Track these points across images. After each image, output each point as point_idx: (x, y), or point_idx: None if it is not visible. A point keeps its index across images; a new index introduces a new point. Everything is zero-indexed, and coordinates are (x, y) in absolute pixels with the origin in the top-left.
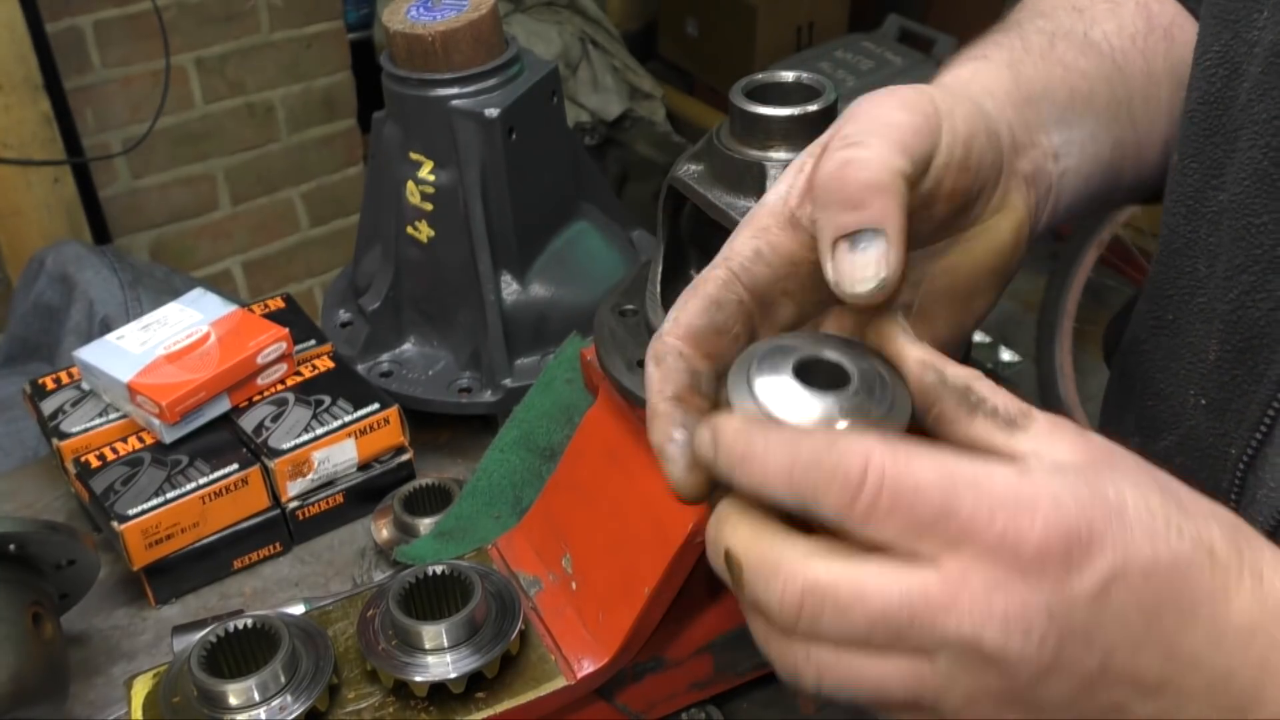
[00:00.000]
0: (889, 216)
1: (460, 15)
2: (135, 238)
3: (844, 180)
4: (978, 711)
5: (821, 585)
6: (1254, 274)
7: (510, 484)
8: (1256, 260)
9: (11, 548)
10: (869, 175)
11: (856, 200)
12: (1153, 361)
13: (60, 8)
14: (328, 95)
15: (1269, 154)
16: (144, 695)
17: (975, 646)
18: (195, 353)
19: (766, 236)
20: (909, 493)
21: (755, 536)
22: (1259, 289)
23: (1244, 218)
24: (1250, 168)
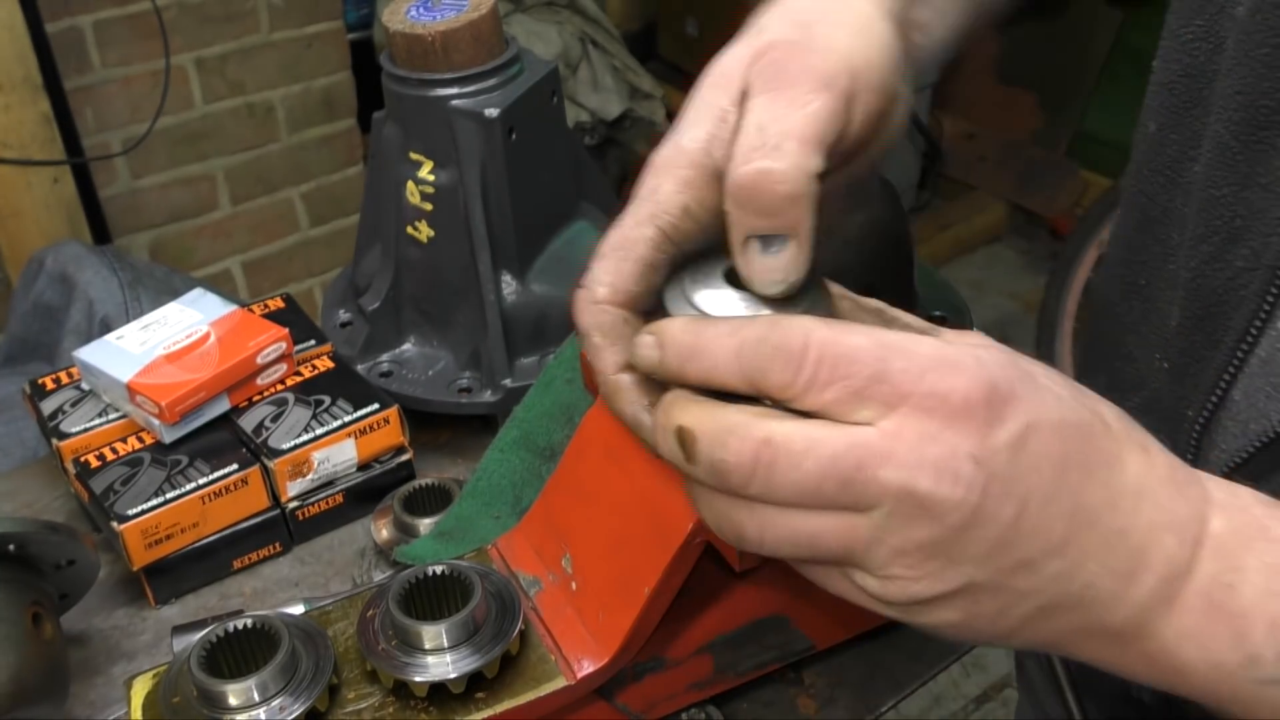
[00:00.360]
0: (800, 224)
1: (460, 15)
2: (135, 238)
3: (759, 190)
4: (902, 564)
5: (775, 439)
6: (1213, 244)
7: (510, 484)
8: (1216, 231)
9: (11, 548)
10: (785, 189)
11: (771, 210)
12: (1123, 324)
13: (60, 8)
14: (328, 95)
15: (1230, 127)
16: (144, 695)
17: (910, 493)
18: (195, 353)
19: (693, 191)
20: (846, 361)
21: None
22: (1217, 259)
23: (1207, 189)
24: (1215, 140)
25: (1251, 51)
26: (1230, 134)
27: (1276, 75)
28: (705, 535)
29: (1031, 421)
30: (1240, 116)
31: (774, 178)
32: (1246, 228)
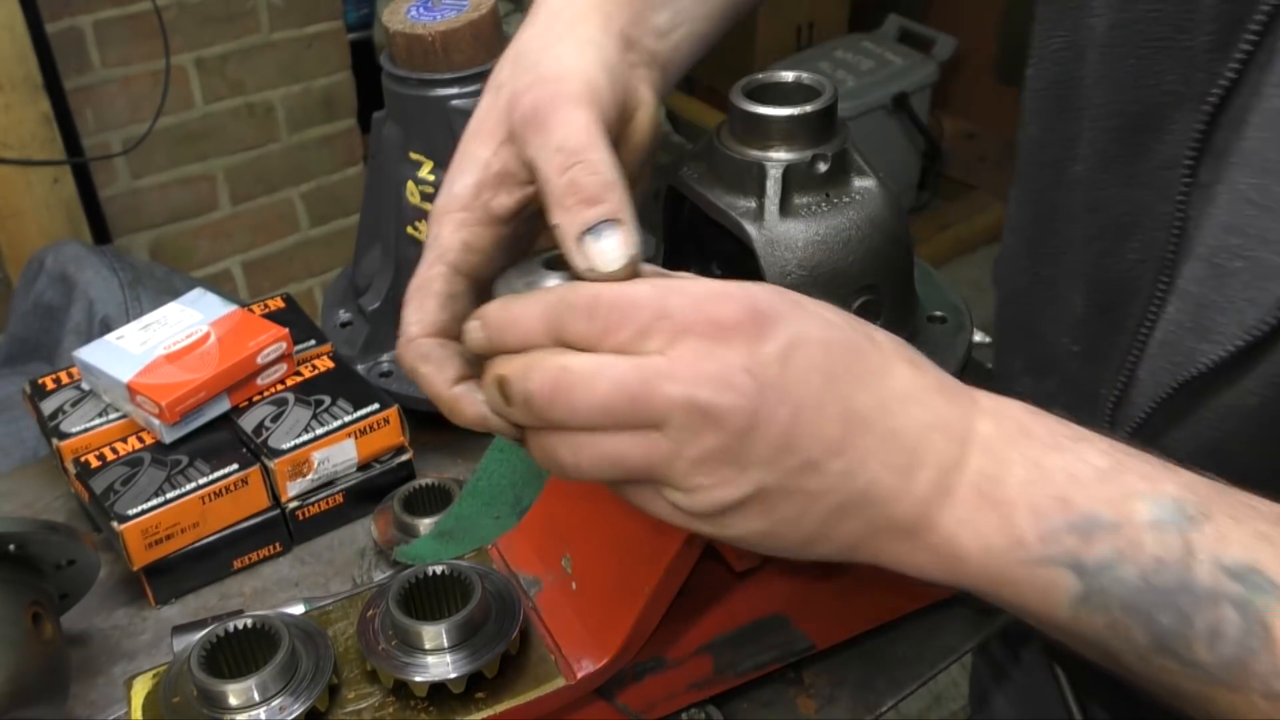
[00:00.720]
0: (623, 205)
1: (460, 15)
2: (135, 238)
3: (584, 185)
4: (700, 474)
5: (571, 366)
6: (1107, 240)
7: (510, 484)
8: (1107, 227)
9: (11, 548)
10: (601, 177)
11: (597, 197)
12: (1034, 311)
13: (60, 8)
14: (328, 95)
15: (1106, 133)
16: (144, 695)
17: (693, 405)
18: (195, 353)
19: (469, 229)
20: (632, 307)
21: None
22: (1111, 253)
23: (1093, 190)
24: (1094, 145)
25: (1116, 65)
26: (1107, 139)
27: (1142, 86)
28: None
29: (796, 336)
30: (1114, 124)
31: (591, 171)
32: (1135, 223)
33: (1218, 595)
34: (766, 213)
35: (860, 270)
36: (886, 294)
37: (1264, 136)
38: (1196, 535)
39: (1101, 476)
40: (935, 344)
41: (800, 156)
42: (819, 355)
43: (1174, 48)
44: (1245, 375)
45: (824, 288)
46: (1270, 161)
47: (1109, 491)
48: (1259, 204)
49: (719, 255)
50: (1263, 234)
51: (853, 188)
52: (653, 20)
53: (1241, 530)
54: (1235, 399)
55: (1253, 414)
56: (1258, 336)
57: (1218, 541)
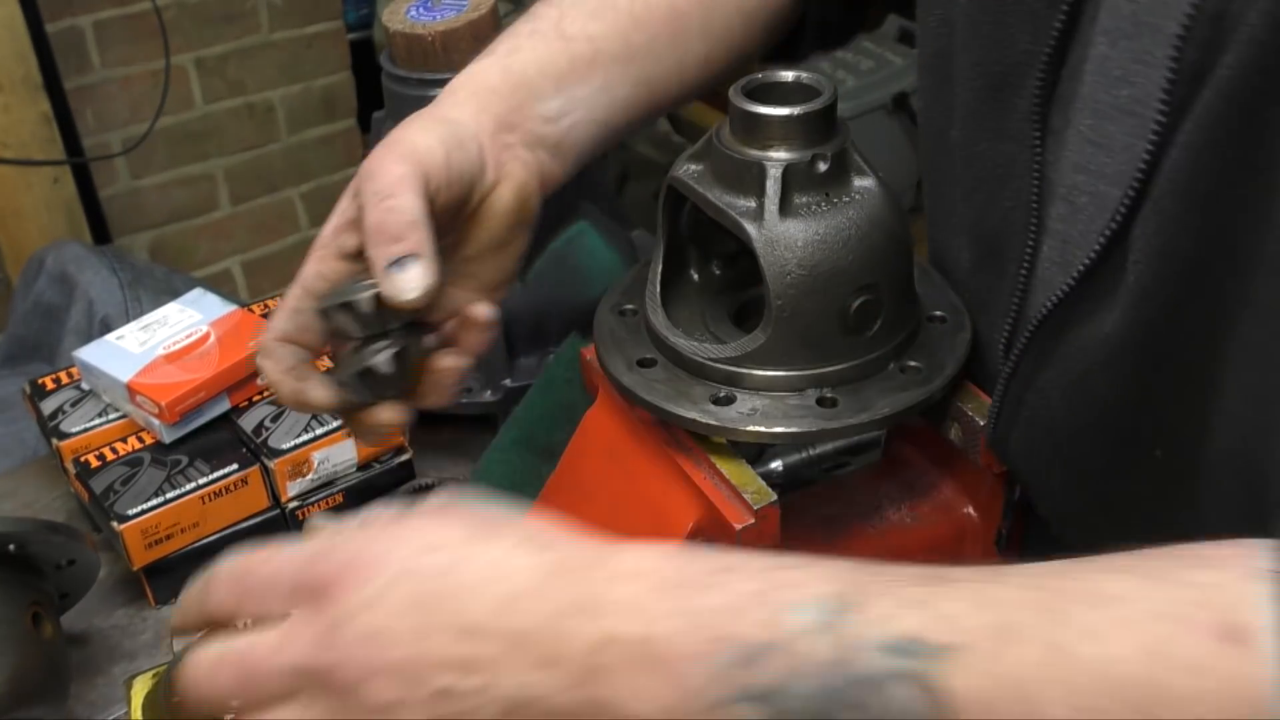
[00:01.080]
0: (423, 243)
1: (460, 15)
2: (135, 238)
3: (388, 223)
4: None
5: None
6: (983, 193)
7: (510, 484)
8: (984, 181)
9: (11, 548)
10: (405, 216)
11: (400, 235)
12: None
13: (60, 8)
14: (328, 95)
15: (975, 93)
16: (144, 695)
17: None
18: (195, 353)
19: (324, 262)
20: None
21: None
22: (989, 204)
23: (968, 148)
24: (966, 108)
25: (978, 29)
26: (976, 99)
27: (1000, 46)
28: (705, 535)
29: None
30: (980, 84)
31: (396, 211)
32: (1006, 174)
33: (883, 677)
34: (766, 212)
35: (860, 270)
36: (886, 294)
37: (1096, 81)
38: (849, 627)
39: (752, 600)
40: (935, 344)
41: (800, 156)
42: (415, 588)
43: (1022, 9)
44: (1098, 304)
45: (824, 287)
46: (1101, 103)
47: (761, 614)
48: (1096, 143)
49: (719, 255)
50: (1101, 169)
51: (853, 187)
52: (539, 108)
53: (892, 603)
54: (1094, 328)
55: (1107, 340)
56: (1091, 262)
57: (868, 626)
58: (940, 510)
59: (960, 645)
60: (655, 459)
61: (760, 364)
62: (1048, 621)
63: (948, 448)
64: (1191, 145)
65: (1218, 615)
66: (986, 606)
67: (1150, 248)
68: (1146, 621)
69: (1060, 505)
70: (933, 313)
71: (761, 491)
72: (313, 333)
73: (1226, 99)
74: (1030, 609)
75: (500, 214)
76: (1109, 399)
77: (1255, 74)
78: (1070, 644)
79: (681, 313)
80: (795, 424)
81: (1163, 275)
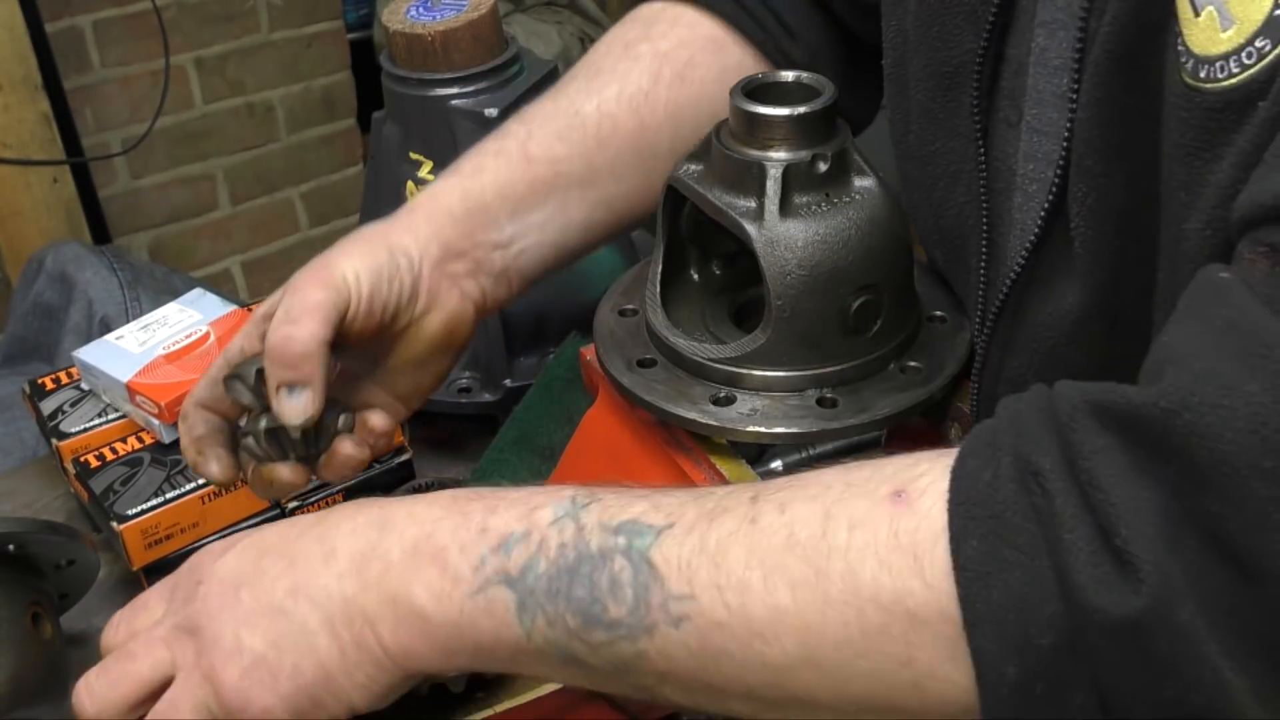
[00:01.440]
0: (313, 375)
1: (460, 15)
2: (135, 238)
3: (284, 350)
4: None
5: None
6: (940, 190)
7: (510, 484)
8: (938, 179)
9: (11, 548)
10: (300, 348)
11: (293, 365)
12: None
13: (60, 7)
14: (327, 95)
15: (928, 94)
16: None
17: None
18: (195, 353)
19: (249, 340)
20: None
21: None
22: (946, 201)
23: (924, 148)
24: (920, 109)
25: (927, 32)
26: (929, 99)
27: (947, 47)
28: None
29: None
30: (932, 84)
31: (293, 341)
32: (959, 170)
33: (607, 552)
34: (766, 212)
35: (860, 270)
36: (886, 294)
37: (1038, 72)
38: (585, 515)
39: (514, 503)
40: (935, 344)
41: (800, 156)
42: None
43: (963, 9)
44: (1052, 279)
45: (824, 288)
46: (1043, 93)
47: (519, 510)
48: (1040, 130)
49: (719, 255)
50: (1047, 155)
51: (853, 187)
52: (492, 235)
53: (622, 500)
54: (1054, 304)
55: (1070, 312)
56: (1035, 239)
57: (602, 513)
58: None
59: (671, 525)
60: (655, 459)
61: (760, 364)
62: (749, 503)
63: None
64: (1092, 102)
65: (892, 484)
66: (702, 498)
67: (1085, 209)
68: (831, 493)
69: None
70: (933, 313)
71: None
72: (226, 401)
73: (1110, 54)
74: (737, 496)
75: (425, 339)
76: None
77: (1131, 26)
78: (761, 515)
79: (681, 313)
80: (795, 424)
81: (1101, 233)
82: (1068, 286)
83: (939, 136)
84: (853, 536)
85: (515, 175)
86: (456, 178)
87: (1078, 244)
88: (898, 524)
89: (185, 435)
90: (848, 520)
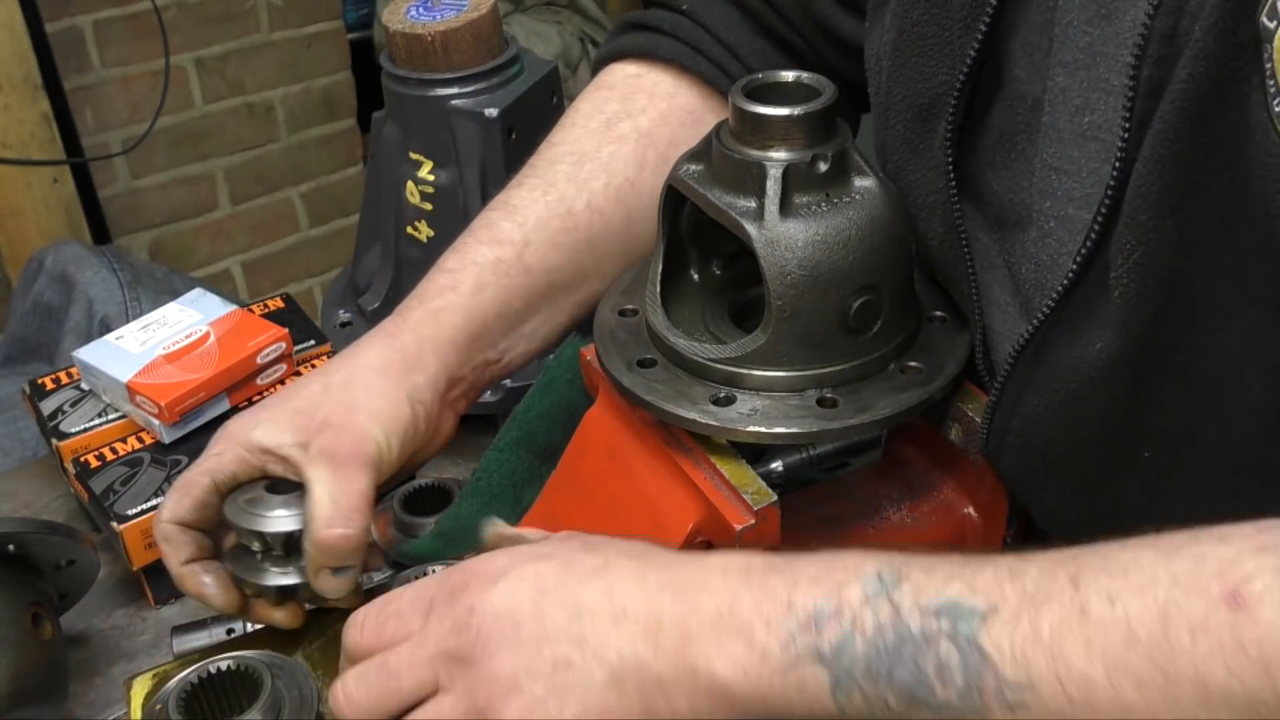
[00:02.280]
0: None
1: (460, 15)
2: (135, 238)
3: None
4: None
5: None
6: (923, 220)
7: (510, 484)
8: (920, 209)
9: (11, 548)
10: (354, 545)
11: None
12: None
13: (60, 7)
14: (327, 95)
15: (907, 124)
16: (143, 695)
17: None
18: (195, 353)
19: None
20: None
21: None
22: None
23: (904, 178)
24: (899, 138)
25: (904, 64)
26: (907, 129)
27: (924, 78)
28: (705, 535)
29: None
30: (910, 115)
31: (349, 541)
32: (936, 201)
33: (931, 635)
34: (766, 212)
35: (860, 270)
36: (887, 294)
37: (1057, 110)
38: (899, 595)
39: (815, 578)
40: (935, 344)
41: (800, 156)
42: (533, 577)
43: (939, 41)
44: (1082, 324)
45: (824, 288)
46: (1063, 131)
47: (824, 587)
48: (1060, 169)
49: (719, 255)
50: (1068, 193)
51: (853, 187)
52: (489, 354)
53: (934, 577)
54: (1083, 349)
55: (1098, 358)
56: (1068, 284)
57: (917, 593)
58: (940, 510)
59: (995, 608)
60: (655, 459)
61: (760, 364)
62: (1071, 589)
63: (948, 448)
64: (1155, 158)
65: (1224, 583)
66: (1017, 577)
67: (1131, 262)
68: (1160, 588)
69: (1056, 518)
70: (933, 313)
71: (761, 492)
72: (210, 520)
73: (1181, 111)
74: (1055, 579)
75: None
76: (1103, 413)
77: (1206, 85)
78: (1091, 606)
79: (681, 313)
80: (795, 424)
81: (1146, 287)
82: (1098, 333)
83: (918, 166)
84: (1196, 642)
85: (514, 292)
86: (457, 296)
87: (1117, 293)
88: (1242, 634)
89: (175, 560)
90: (1188, 624)
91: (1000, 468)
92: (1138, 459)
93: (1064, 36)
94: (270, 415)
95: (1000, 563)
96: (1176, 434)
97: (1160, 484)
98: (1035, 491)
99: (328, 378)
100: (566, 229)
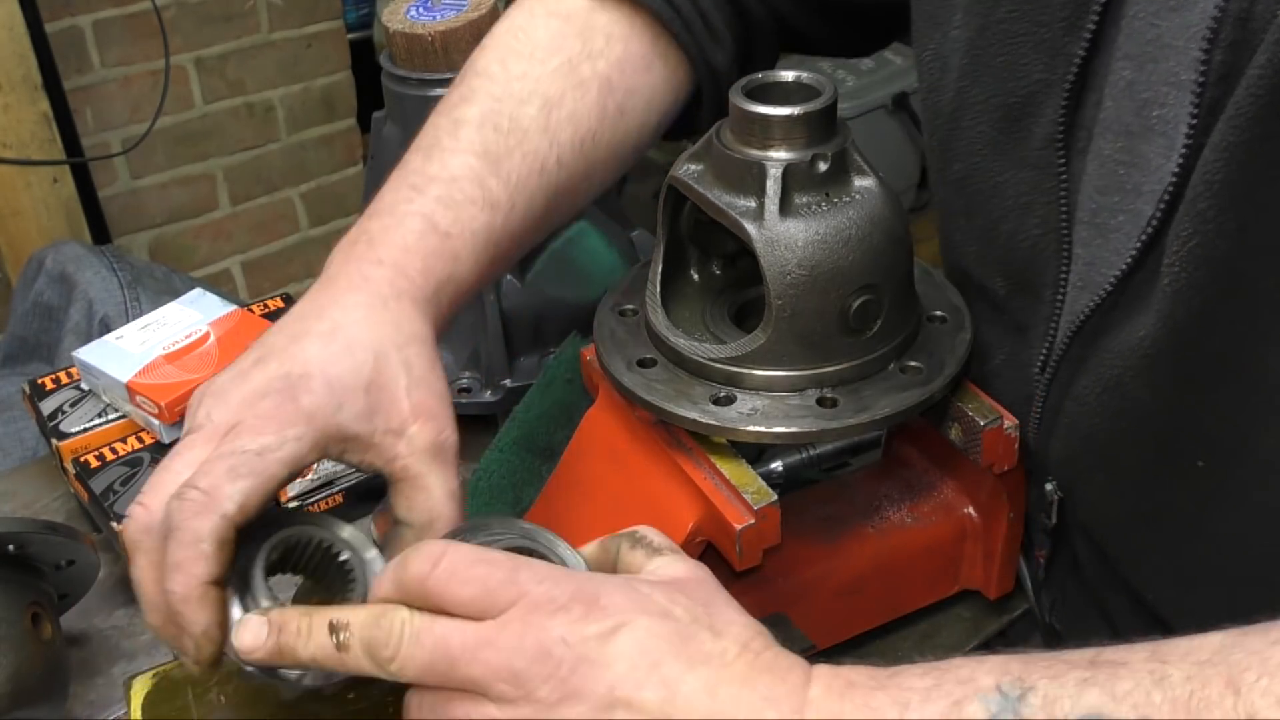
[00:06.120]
0: None
1: (460, 15)
2: (135, 238)
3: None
4: None
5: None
6: (1011, 221)
7: (510, 484)
8: (1010, 211)
9: (11, 548)
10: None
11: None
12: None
13: (60, 7)
14: (327, 95)
15: (994, 125)
16: (144, 695)
17: (510, 672)
18: (195, 353)
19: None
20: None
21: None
22: (1017, 233)
23: (988, 180)
24: (983, 139)
25: (987, 62)
26: (993, 130)
27: (1015, 77)
28: (705, 534)
29: (624, 620)
30: (997, 115)
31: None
32: (1032, 202)
33: None
34: (766, 212)
35: (860, 270)
36: (887, 294)
37: (1122, 104)
38: (1027, 709)
39: (926, 695)
40: (935, 344)
41: (800, 156)
42: (645, 638)
43: (1034, 39)
44: (1132, 309)
45: (824, 287)
46: (1129, 125)
47: (938, 706)
48: (1127, 163)
49: (719, 255)
50: (1137, 187)
51: (853, 187)
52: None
53: (1064, 686)
54: (1128, 333)
55: (1141, 345)
56: (1126, 269)
57: (1049, 706)
58: (940, 510)
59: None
60: (655, 459)
61: (760, 364)
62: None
63: (948, 448)
64: (1225, 145)
65: None
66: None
67: (1185, 250)
68: None
69: (1101, 513)
70: (933, 313)
71: (761, 491)
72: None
73: (1256, 98)
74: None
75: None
76: (1146, 404)
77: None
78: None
79: (681, 313)
80: (795, 424)
81: (1197, 277)
82: (1143, 319)
83: (1008, 166)
84: None
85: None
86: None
87: (1166, 281)
88: None
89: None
90: None
91: (1048, 455)
92: (1190, 467)
93: (1130, 29)
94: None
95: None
96: (1232, 444)
97: (1214, 496)
98: (1081, 481)
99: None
100: (542, 187)
